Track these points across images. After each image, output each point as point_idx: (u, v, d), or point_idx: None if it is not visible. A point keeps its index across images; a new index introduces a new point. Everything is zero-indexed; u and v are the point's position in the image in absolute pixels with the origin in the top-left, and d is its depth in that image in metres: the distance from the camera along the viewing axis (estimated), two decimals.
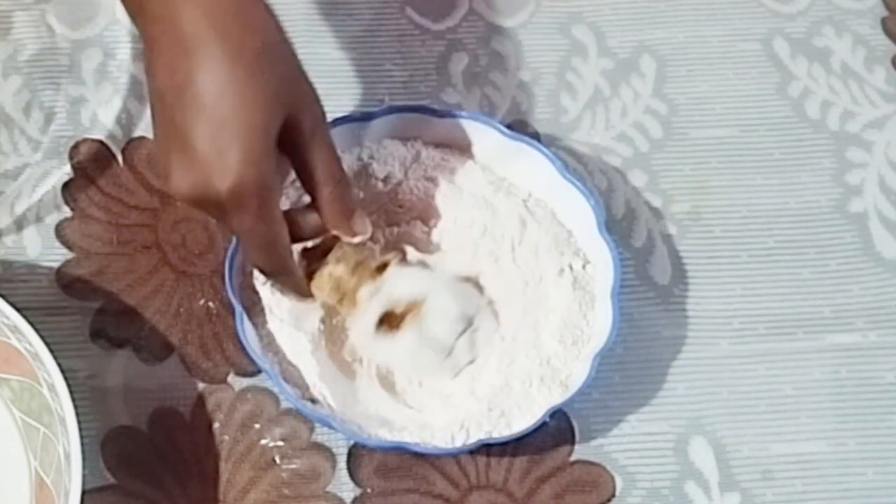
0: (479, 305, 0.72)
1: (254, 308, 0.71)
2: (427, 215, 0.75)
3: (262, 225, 0.64)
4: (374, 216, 0.73)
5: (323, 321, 0.71)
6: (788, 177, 0.80)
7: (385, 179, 0.74)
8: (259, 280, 0.71)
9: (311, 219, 0.67)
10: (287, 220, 0.66)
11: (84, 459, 0.63)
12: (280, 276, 0.68)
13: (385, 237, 0.75)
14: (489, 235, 0.74)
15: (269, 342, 0.70)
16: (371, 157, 0.75)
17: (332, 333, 0.72)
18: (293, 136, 0.64)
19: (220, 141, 0.62)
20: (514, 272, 0.74)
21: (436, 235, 0.75)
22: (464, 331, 0.71)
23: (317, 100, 0.66)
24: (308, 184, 0.67)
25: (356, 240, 0.68)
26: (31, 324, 0.66)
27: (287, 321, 0.70)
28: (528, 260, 0.73)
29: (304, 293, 0.70)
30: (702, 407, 0.73)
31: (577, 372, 0.70)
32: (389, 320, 0.70)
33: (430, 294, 0.70)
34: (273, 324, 0.70)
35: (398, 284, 0.70)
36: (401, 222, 0.75)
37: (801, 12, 0.86)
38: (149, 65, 0.64)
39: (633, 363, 0.74)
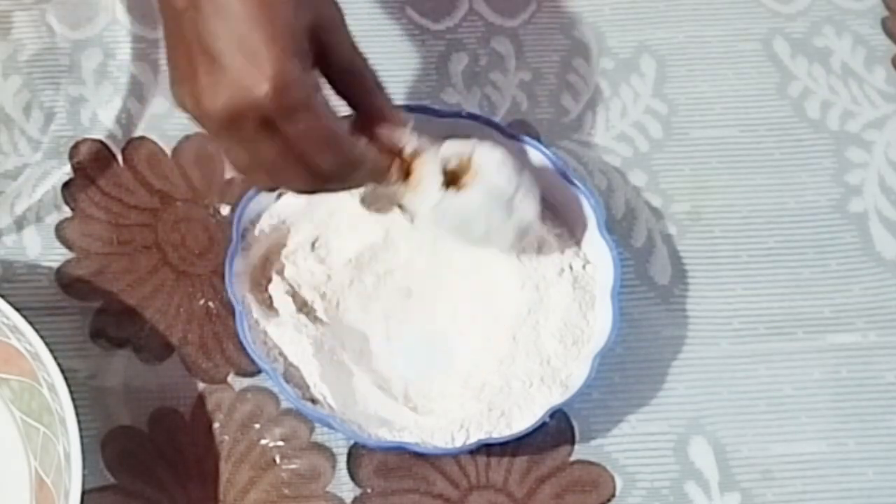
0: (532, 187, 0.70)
1: (254, 308, 0.71)
2: None
3: (318, 120, 0.61)
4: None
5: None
6: (788, 177, 0.80)
7: None
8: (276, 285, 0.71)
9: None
10: None
11: (84, 459, 0.63)
12: (356, 168, 0.64)
13: None
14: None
15: (269, 342, 0.70)
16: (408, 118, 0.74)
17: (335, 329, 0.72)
18: (322, 39, 0.62)
19: (252, 43, 0.59)
20: (514, 272, 0.73)
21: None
22: (518, 184, 0.68)
23: (337, 7, 0.64)
24: (343, 90, 0.64)
25: (409, 129, 0.66)
26: (31, 324, 0.66)
27: (288, 321, 0.71)
28: (528, 260, 0.73)
29: (384, 170, 0.66)
30: (702, 407, 0.73)
31: (577, 372, 0.70)
32: (452, 179, 0.68)
33: (477, 150, 0.68)
34: (273, 324, 0.70)
35: (444, 148, 0.68)
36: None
37: (801, 12, 0.86)
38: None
39: (633, 363, 0.74)
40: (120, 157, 0.78)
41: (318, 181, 0.64)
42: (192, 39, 0.60)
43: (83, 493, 0.63)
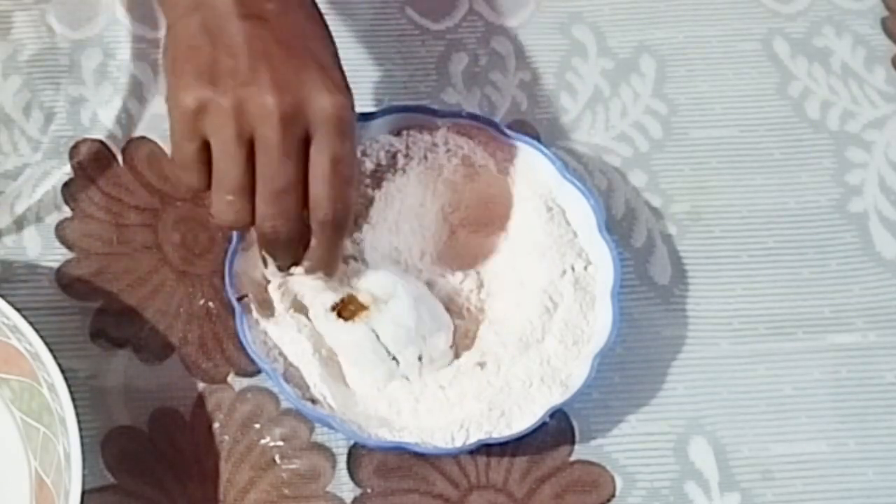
0: (444, 328, 0.71)
1: (254, 308, 0.71)
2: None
3: (355, 152, 0.65)
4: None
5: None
6: (788, 177, 0.80)
7: (372, 174, 0.74)
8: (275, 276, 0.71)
9: None
10: None
11: (84, 459, 0.63)
12: (346, 219, 0.66)
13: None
14: (490, 235, 0.74)
15: (269, 342, 0.70)
16: (364, 153, 0.75)
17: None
18: None
19: (324, 61, 0.63)
20: (515, 272, 0.74)
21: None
22: (415, 348, 0.70)
23: None
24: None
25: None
26: (31, 324, 0.66)
27: (288, 322, 0.71)
28: (529, 260, 0.73)
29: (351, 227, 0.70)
30: (702, 407, 0.73)
31: (577, 372, 0.70)
32: (344, 308, 0.70)
33: (395, 298, 0.70)
34: (273, 324, 0.70)
35: (370, 277, 0.70)
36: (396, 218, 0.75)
37: (801, 12, 0.86)
38: (230, 11, 0.64)
39: (633, 363, 0.74)
40: (120, 157, 0.78)
41: (301, 228, 0.66)
42: (257, 45, 0.63)
43: (83, 493, 0.63)
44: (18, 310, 0.67)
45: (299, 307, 0.72)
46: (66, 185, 0.77)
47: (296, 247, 0.67)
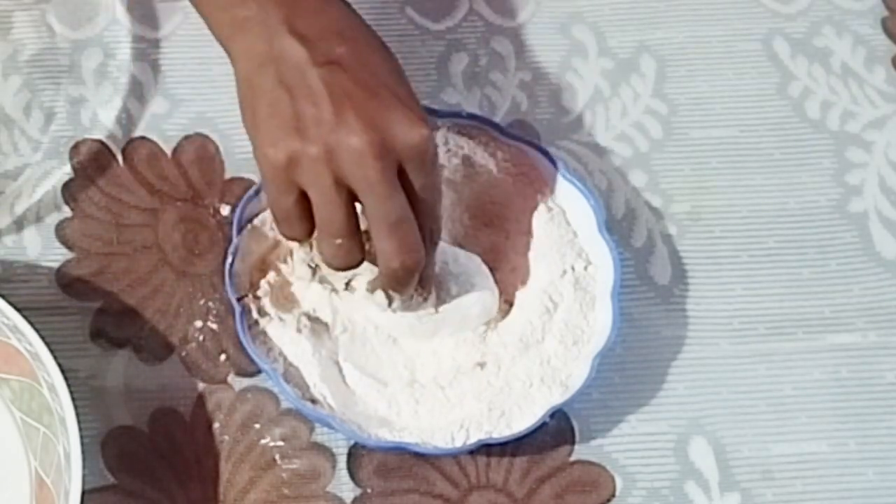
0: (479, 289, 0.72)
1: (254, 308, 0.71)
2: None
3: (438, 178, 0.66)
4: None
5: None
6: (788, 177, 0.80)
7: None
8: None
9: None
10: None
11: (84, 459, 0.63)
12: (438, 236, 0.68)
13: None
14: (491, 234, 0.74)
15: (269, 342, 0.70)
16: None
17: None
18: None
19: (402, 94, 0.64)
20: (515, 273, 0.74)
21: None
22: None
23: None
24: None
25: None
26: (31, 324, 0.66)
27: (289, 321, 0.71)
28: (529, 260, 0.73)
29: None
30: (702, 407, 0.73)
31: (577, 372, 0.70)
32: None
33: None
34: (274, 324, 0.70)
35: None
36: None
37: (801, 12, 0.86)
38: (269, 52, 0.65)
39: (633, 363, 0.74)
40: (120, 157, 0.78)
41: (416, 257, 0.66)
42: (337, 90, 0.64)
43: (83, 493, 0.63)
44: (18, 310, 0.67)
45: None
46: (66, 185, 0.77)
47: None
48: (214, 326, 0.73)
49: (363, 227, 0.66)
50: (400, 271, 0.65)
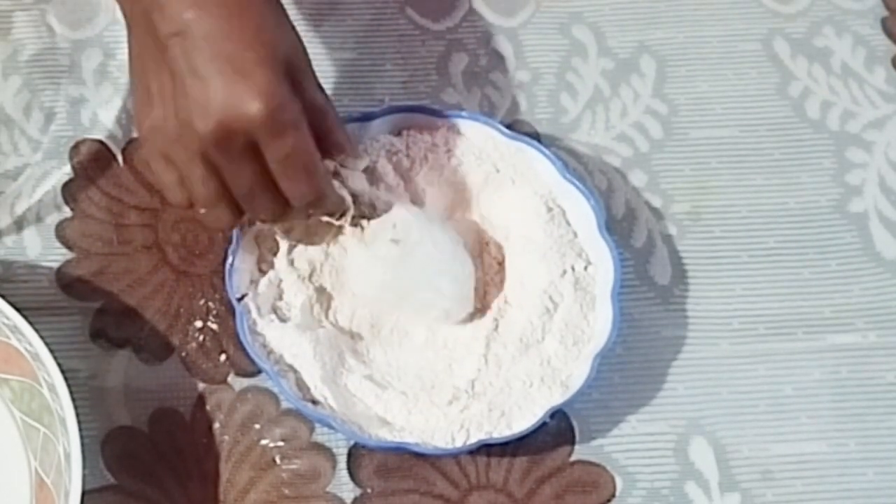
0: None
1: (254, 308, 0.71)
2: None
3: (303, 142, 0.64)
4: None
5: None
6: (788, 177, 0.80)
7: (372, 173, 0.75)
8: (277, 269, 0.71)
9: None
10: None
11: (84, 459, 0.63)
12: (322, 201, 0.68)
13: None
14: (491, 234, 0.74)
15: (269, 342, 0.70)
16: (365, 151, 0.75)
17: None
18: (291, 75, 0.65)
19: (244, 64, 0.62)
20: (515, 273, 0.74)
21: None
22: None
23: (303, 47, 0.67)
24: (312, 125, 0.66)
25: (363, 164, 0.69)
26: (31, 324, 0.66)
27: (290, 321, 0.71)
28: (529, 260, 0.73)
29: (340, 203, 0.70)
30: (702, 407, 0.73)
31: (577, 372, 0.70)
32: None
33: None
34: (274, 324, 0.70)
35: (395, 212, 0.71)
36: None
37: (801, 12, 0.86)
38: (142, 30, 0.64)
39: (633, 363, 0.74)
40: (120, 157, 0.78)
41: (284, 210, 0.67)
42: (181, 64, 0.62)
43: (83, 493, 0.63)
44: (18, 310, 0.67)
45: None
46: (66, 185, 0.77)
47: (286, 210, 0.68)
48: (214, 326, 0.73)
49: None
50: (262, 223, 0.70)
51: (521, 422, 0.69)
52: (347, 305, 0.72)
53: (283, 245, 0.72)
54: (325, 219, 0.70)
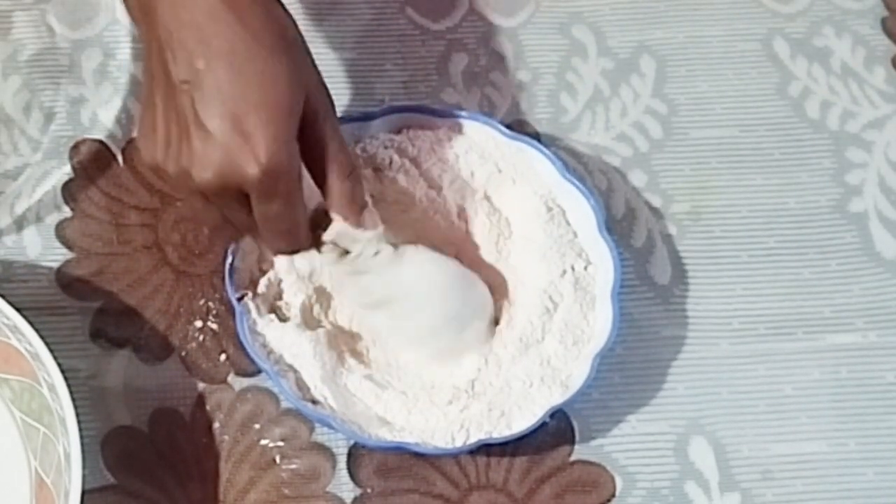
0: (478, 307, 0.72)
1: (254, 308, 0.71)
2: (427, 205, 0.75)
3: (289, 209, 0.64)
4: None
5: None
6: (788, 177, 0.80)
7: (374, 171, 0.75)
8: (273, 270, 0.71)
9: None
10: None
11: (84, 459, 0.63)
12: (301, 248, 0.68)
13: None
14: (491, 233, 0.74)
15: (269, 342, 0.70)
16: (364, 150, 0.75)
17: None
18: (306, 123, 0.64)
19: (247, 125, 0.61)
20: (515, 273, 0.74)
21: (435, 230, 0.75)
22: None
23: (326, 89, 0.66)
24: (319, 174, 0.66)
25: (367, 234, 0.68)
26: (31, 324, 0.66)
27: (290, 321, 0.71)
28: (529, 260, 0.73)
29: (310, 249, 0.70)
30: (702, 407, 0.73)
31: (577, 372, 0.70)
32: None
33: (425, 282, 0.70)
34: (274, 324, 0.70)
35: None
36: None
37: (801, 12, 0.86)
38: (156, 61, 0.63)
39: (633, 363, 0.74)
40: (120, 157, 0.78)
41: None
42: (188, 112, 0.62)
43: (83, 493, 0.63)
44: (18, 310, 0.67)
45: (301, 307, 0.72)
46: (66, 185, 0.77)
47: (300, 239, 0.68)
48: (214, 326, 0.73)
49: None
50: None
51: (520, 422, 0.69)
52: (347, 305, 0.72)
53: None
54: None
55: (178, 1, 0.63)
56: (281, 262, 0.72)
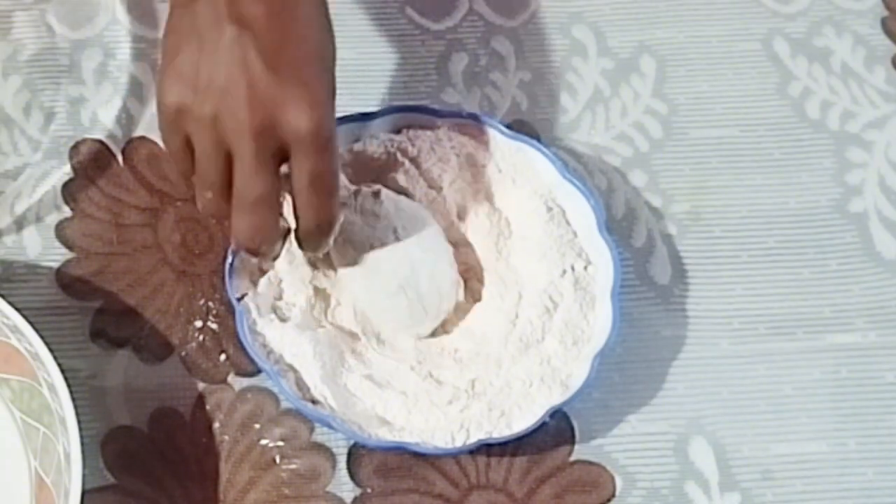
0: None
1: (254, 308, 0.71)
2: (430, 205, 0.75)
3: (334, 166, 0.64)
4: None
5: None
6: (788, 177, 0.80)
7: (374, 170, 0.75)
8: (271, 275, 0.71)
9: None
10: None
11: (84, 459, 0.63)
12: (333, 224, 0.67)
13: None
14: (491, 233, 0.74)
15: (269, 342, 0.70)
16: (364, 150, 0.75)
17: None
18: None
19: (303, 75, 0.61)
20: (515, 273, 0.74)
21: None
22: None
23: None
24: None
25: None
26: (31, 324, 0.66)
27: (290, 321, 0.71)
28: (529, 260, 0.73)
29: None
30: (702, 407, 0.73)
31: (577, 372, 0.70)
32: None
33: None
34: (274, 324, 0.70)
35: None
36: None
37: (801, 12, 0.86)
38: (220, 11, 0.63)
39: (633, 363, 0.74)
40: (120, 157, 0.78)
41: (276, 239, 0.68)
42: (236, 52, 0.62)
43: (83, 493, 0.63)
44: (18, 310, 0.67)
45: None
46: (66, 185, 0.77)
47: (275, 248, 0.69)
48: (214, 326, 0.73)
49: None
50: (246, 247, 0.67)
51: (520, 421, 0.69)
52: (347, 305, 0.72)
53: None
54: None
55: None
56: (281, 261, 0.72)
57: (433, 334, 0.72)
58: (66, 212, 0.76)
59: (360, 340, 0.72)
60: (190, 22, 0.64)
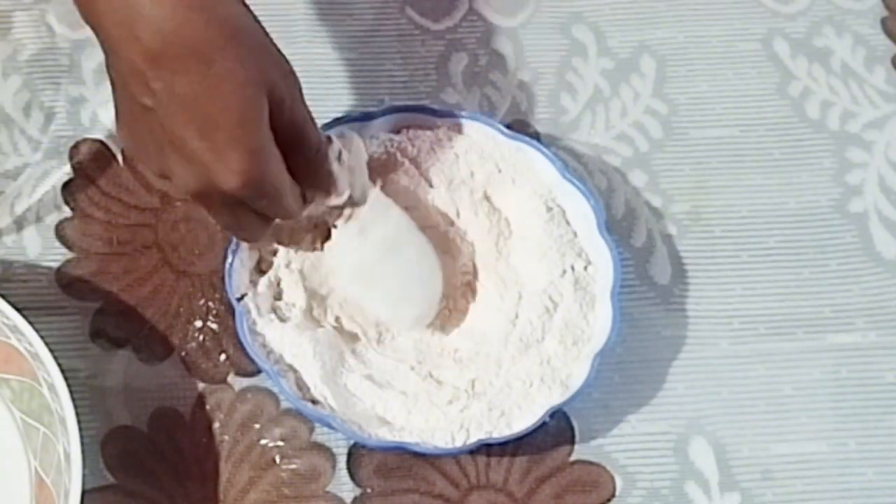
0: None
1: (254, 308, 0.71)
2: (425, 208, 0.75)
3: (278, 201, 0.64)
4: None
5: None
6: (788, 177, 0.80)
7: (374, 169, 0.75)
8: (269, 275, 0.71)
9: None
10: None
11: (84, 459, 0.63)
12: (295, 215, 0.68)
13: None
14: (491, 233, 0.74)
15: (269, 342, 0.70)
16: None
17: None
18: (272, 113, 0.62)
19: (217, 143, 0.60)
20: (515, 273, 0.74)
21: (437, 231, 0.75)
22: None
23: (288, 65, 0.64)
24: (286, 155, 0.64)
25: (336, 201, 0.69)
26: (31, 324, 0.66)
27: (289, 321, 0.71)
28: (529, 260, 0.73)
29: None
30: (702, 407, 0.73)
31: (577, 372, 0.70)
32: None
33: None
34: (274, 324, 0.70)
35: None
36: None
37: (801, 12, 0.86)
38: (116, 75, 0.63)
39: (633, 363, 0.74)
40: (120, 157, 0.78)
41: (266, 228, 0.68)
42: (158, 133, 0.62)
43: (83, 493, 0.63)
44: (18, 310, 0.67)
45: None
46: (66, 185, 0.77)
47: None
48: (214, 326, 0.73)
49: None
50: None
51: (520, 421, 0.69)
52: (337, 298, 0.72)
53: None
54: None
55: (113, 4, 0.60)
56: (280, 262, 0.72)
57: (433, 334, 0.72)
58: (66, 212, 0.76)
59: (360, 340, 0.72)
60: (123, 101, 0.64)
